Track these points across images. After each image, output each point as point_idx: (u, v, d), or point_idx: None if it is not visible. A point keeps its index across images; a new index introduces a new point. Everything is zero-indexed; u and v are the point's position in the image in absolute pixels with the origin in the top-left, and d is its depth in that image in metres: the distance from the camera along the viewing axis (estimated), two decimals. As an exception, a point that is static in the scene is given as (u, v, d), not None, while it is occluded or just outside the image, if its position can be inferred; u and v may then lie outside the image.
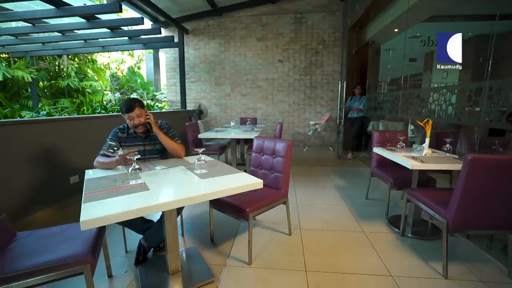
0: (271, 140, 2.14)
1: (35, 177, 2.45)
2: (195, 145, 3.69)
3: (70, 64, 9.78)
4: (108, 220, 1.06)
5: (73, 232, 1.42)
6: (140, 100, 1.90)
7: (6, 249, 1.27)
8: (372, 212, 2.63)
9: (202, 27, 6.57)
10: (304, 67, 6.33)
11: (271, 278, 1.65)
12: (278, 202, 1.99)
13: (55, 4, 3.98)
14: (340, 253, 1.93)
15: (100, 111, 4.98)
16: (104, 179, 1.52)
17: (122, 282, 1.62)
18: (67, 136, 2.79)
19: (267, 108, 6.62)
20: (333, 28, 6.12)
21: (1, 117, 2.92)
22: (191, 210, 2.66)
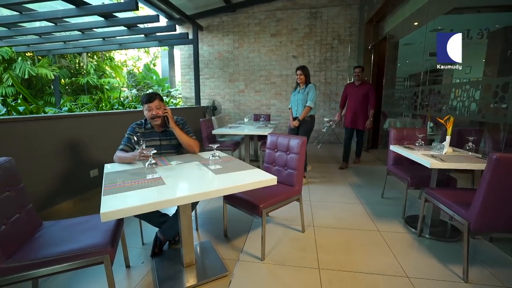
0: (285, 137, 2.13)
1: (58, 170, 2.57)
2: (209, 141, 3.73)
3: (89, 62, 10.11)
4: (127, 212, 1.10)
5: (93, 223, 1.48)
6: (160, 94, 1.95)
7: (34, 237, 1.34)
8: (388, 211, 2.57)
9: (216, 23, 6.59)
10: (319, 63, 6.23)
11: (284, 274, 1.65)
12: (291, 199, 1.99)
13: (75, 3, 4.12)
14: (354, 251, 1.90)
15: (118, 107, 5.13)
16: (122, 173, 1.57)
17: (139, 273, 1.68)
18: (87, 131, 2.89)
19: (281, 104, 6.58)
20: (349, 22, 5.96)
21: (27, 112, 3.07)
22: (205, 205, 2.70)
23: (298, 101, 3.50)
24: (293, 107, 3.58)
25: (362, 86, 4.06)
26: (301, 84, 3.49)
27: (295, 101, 3.55)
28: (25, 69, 8.16)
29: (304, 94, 3.41)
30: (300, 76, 3.41)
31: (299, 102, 3.49)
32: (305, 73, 3.42)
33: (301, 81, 3.44)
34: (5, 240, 1.16)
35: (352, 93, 4.14)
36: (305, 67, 3.44)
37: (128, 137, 1.91)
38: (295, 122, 3.45)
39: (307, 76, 3.44)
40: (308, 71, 3.46)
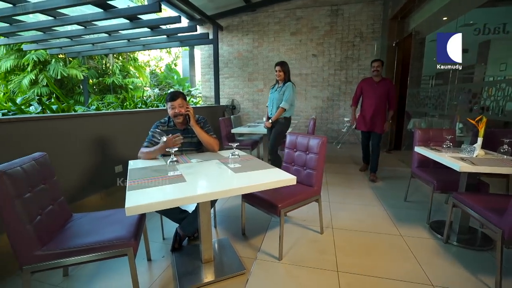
0: (305, 136, 2.11)
1: (86, 165, 2.71)
2: (228, 139, 3.77)
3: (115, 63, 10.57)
4: (150, 208, 1.14)
5: (118, 216, 1.54)
6: (184, 93, 2.00)
7: (65, 227, 1.43)
8: (411, 215, 2.46)
9: (236, 23, 6.64)
10: (340, 61, 6.09)
11: (301, 275, 1.64)
12: (310, 199, 1.96)
13: (103, 7, 4.32)
14: (375, 255, 1.85)
15: (141, 106, 5.33)
16: (145, 169, 1.63)
17: (160, 266, 1.73)
18: (112, 129, 3.03)
19: (300, 104, 6.50)
20: (372, 19, 5.77)
21: (60, 111, 3.26)
22: (223, 203, 2.73)
23: (273, 100, 3.18)
24: (269, 106, 3.30)
25: (382, 83, 3.49)
26: (279, 82, 3.16)
27: (271, 100, 3.24)
28: (58, 70, 8.69)
29: (280, 94, 3.09)
30: (279, 72, 3.07)
31: (274, 102, 3.17)
32: (284, 69, 3.07)
33: (280, 78, 3.09)
34: (40, 230, 1.24)
35: (370, 90, 3.57)
36: (284, 63, 3.11)
37: (152, 134, 1.98)
38: (268, 123, 3.17)
39: (287, 73, 3.10)
40: (288, 68, 3.12)
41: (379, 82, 3.50)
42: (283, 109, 3.02)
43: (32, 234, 1.18)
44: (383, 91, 3.46)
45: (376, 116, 3.52)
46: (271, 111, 3.23)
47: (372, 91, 3.53)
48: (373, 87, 3.53)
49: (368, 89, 3.58)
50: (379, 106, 3.50)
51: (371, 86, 3.55)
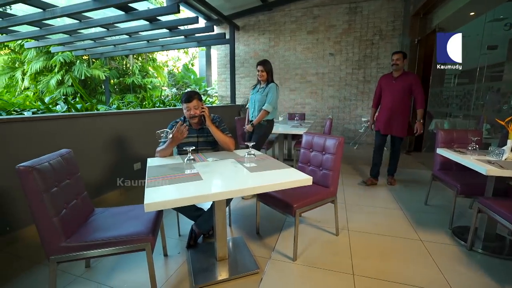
0: (321, 137, 2.08)
1: (107, 162, 2.82)
2: (243, 139, 3.78)
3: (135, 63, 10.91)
4: (168, 204, 1.17)
5: (137, 212, 1.59)
6: (199, 93, 2.03)
7: (87, 221, 1.49)
8: (432, 219, 2.37)
9: (252, 22, 6.65)
10: (358, 60, 5.94)
11: (316, 277, 1.62)
12: (326, 200, 1.93)
13: (124, 10, 4.47)
14: (392, 260, 1.79)
15: (159, 105, 5.46)
16: (163, 167, 1.67)
17: (176, 262, 1.77)
18: (131, 127, 3.13)
19: (316, 103, 6.42)
20: (392, 16, 5.59)
21: (83, 110, 3.41)
22: (238, 202, 2.75)
23: (255, 102, 2.96)
24: (250, 108, 3.06)
25: (402, 78, 3.03)
26: (261, 82, 2.93)
27: (252, 101, 3.01)
28: (82, 71, 9.10)
29: (262, 95, 2.88)
30: (261, 72, 2.84)
31: (256, 103, 2.95)
32: (267, 69, 2.84)
33: (262, 78, 2.86)
34: (65, 223, 1.30)
35: (387, 87, 3.14)
36: (267, 62, 2.87)
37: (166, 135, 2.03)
38: (249, 127, 2.95)
39: (270, 73, 2.88)
40: (271, 67, 2.89)
41: (398, 78, 3.07)
42: (266, 111, 2.82)
43: (58, 226, 1.25)
44: (402, 87, 3.02)
45: (394, 117, 3.10)
46: (252, 114, 3.01)
47: (390, 88, 3.12)
48: (391, 83, 3.11)
49: (386, 86, 3.17)
50: (397, 105, 3.06)
51: (389, 82, 3.13)
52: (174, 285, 1.56)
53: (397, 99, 3.06)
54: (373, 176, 3.29)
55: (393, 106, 3.08)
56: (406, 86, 3.00)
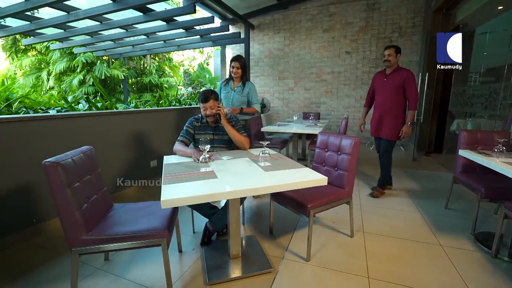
0: (337, 136, 2.04)
1: (125, 159, 2.91)
2: (257, 138, 3.79)
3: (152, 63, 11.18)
4: (183, 202, 1.19)
5: (153, 208, 1.63)
6: (216, 93, 2.06)
7: (106, 216, 1.55)
8: (453, 224, 2.27)
9: (267, 21, 6.63)
10: (375, 58, 5.79)
11: (330, 278, 1.60)
12: (341, 201, 1.90)
13: (143, 11, 4.58)
14: (410, 264, 1.73)
15: (175, 104, 5.57)
16: (179, 165, 1.71)
17: (190, 258, 1.80)
18: (148, 125, 3.21)
19: (331, 102, 6.32)
20: (413, 12, 5.40)
21: (103, 108, 3.54)
22: (252, 200, 2.76)
23: (233, 101, 2.79)
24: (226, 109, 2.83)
25: (394, 75, 2.74)
26: (235, 80, 2.74)
27: (229, 100, 2.81)
28: (102, 70, 9.43)
29: (242, 96, 2.76)
30: (236, 69, 2.66)
31: (234, 103, 2.79)
32: (243, 66, 2.67)
33: (237, 75, 2.68)
34: (87, 216, 1.36)
35: (379, 85, 2.90)
36: (242, 58, 2.68)
37: (187, 129, 2.10)
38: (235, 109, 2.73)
39: (244, 70, 2.71)
40: (245, 64, 2.73)
41: (389, 75, 2.78)
42: (257, 110, 2.81)
43: (80, 220, 1.30)
44: (394, 85, 2.73)
45: (385, 118, 2.83)
46: None
47: (382, 86, 2.86)
48: (383, 81, 2.84)
49: (378, 84, 2.92)
50: (388, 105, 2.80)
51: (381, 80, 2.87)
52: (188, 280, 1.59)
53: (388, 98, 2.81)
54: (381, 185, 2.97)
55: (384, 106, 2.84)
56: (398, 84, 2.71)
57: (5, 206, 1.90)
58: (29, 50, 10.33)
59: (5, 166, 1.89)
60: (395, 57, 2.72)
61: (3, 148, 1.88)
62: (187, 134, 2.08)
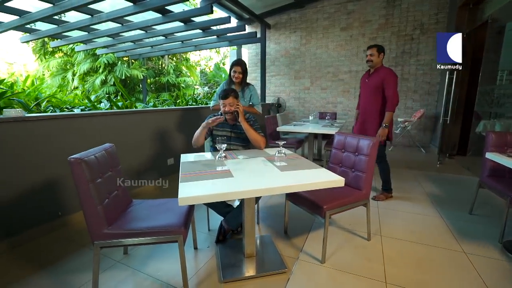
0: (354, 137, 2.00)
1: (144, 156, 3.00)
2: (273, 137, 3.78)
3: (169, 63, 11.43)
4: (200, 200, 1.21)
5: (170, 205, 1.67)
6: (236, 91, 2.08)
7: (126, 211, 1.60)
8: (478, 231, 2.16)
9: (284, 20, 6.59)
10: (395, 56, 5.61)
11: (346, 281, 1.57)
12: (358, 203, 1.86)
13: (161, 12, 4.70)
14: (431, 271, 1.67)
15: (192, 103, 5.66)
16: (196, 163, 1.73)
17: (205, 255, 1.83)
18: (166, 124, 3.29)
19: (348, 102, 6.19)
20: (436, 8, 5.17)
21: (124, 107, 3.66)
22: (267, 200, 2.76)
23: None
24: None
25: (375, 75, 2.68)
26: (236, 85, 2.67)
27: None
28: (122, 71, 9.76)
29: (244, 100, 2.72)
30: (238, 74, 2.60)
31: None
32: (244, 71, 2.64)
33: (238, 80, 2.63)
34: (108, 211, 1.41)
35: (362, 85, 2.86)
36: (244, 62, 2.66)
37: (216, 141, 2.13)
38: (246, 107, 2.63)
39: (245, 74, 2.68)
40: (246, 69, 2.70)
41: (371, 75, 2.73)
42: (259, 112, 2.78)
43: (101, 214, 1.35)
44: (374, 85, 2.66)
45: (367, 119, 2.76)
46: None
47: (364, 87, 2.81)
48: (365, 82, 2.80)
49: (362, 85, 2.87)
50: (369, 106, 2.73)
51: (364, 80, 2.82)
52: (203, 277, 1.61)
53: (368, 99, 2.73)
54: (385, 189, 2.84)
55: (366, 107, 2.77)
56: (378, 83, 2.63)
57: (34, 199, 2.01)
58: (56, 52, 10.88)
59: (35, 161, 2.01)
60: (377, 57, 2.63)
61: (33, 144, 1.99)
62: None
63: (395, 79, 2.59)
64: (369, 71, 2.79)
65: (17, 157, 1.91)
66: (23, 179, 1.95)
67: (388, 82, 2.56)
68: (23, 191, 1.95)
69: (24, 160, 1.94)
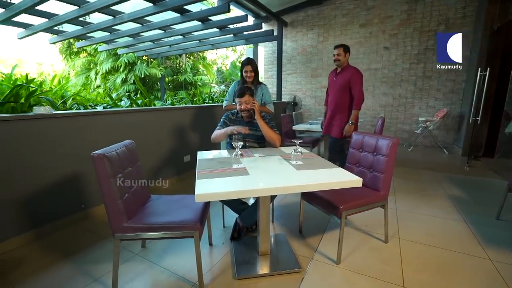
0: (373, 136, 1.95)
1: (161, 153, 3.08)
2: (288, 136, 3.76)
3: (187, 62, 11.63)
4: (216, 196, 1.23)
5: (187, 201, 1.71)
6: (252, 89, 2.09)
7: (144, 206, 1.65)
8: (506, 237, 2.04)
9: (301, 18, 6.51)
10: (417, 53, 5.39)
11: (361, 284, 1.53)
12: (375, 204, 1.81)
13: (180, 12, 4.78)
14: (451, 277, 1.60)
15: (208, 101, 5.74)
16: (212, 161, 1.76)
17: (220, 252, 1.85)
18: (183, 122, 3.35)
19: (367, 101, 6.01)
20: (463, 2, 4.91)
21: (143, 105, 3.77)
22: (282, 199, 2.75)
23: None
24: None
25: (342, 74, 2.82)
26: (248, 84, 2.63)
27: None
28: (142, 70, 10.04)
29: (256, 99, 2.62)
30: (250, 73, 2.58)
31: None
32: (255, 70, 2.62)
33: (250, 79, 2.61)
34: (127, 206, 1.46)
35: (330, 84, 2.99)
36: (254, 62, 2.64)
37: (224, 121, 2.20)
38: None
39: (257, 73, 2.66)
40: (257, 68, 2.67)
41: (338, 74, 2.87)
42: (272, 112, 2.74)
43: (122, 208, 1.41)
44: (341, 83, 2.81)
45: (334, 117, 2.91)
46: None
47: (332, 85, 2.96)
48: (333, 80, 2.94)
49: (329, 83, 3.02)
50: (337, 104, 2.87)
51: (331, 79, 2.98)
52: (217, 273, 1.63)
53: (335, 97, 2.88)
54: None
55: (333, 105, 2.91)
56: (344, 82, 2.78)
57: (59, 192, 2.12)
58: (80, 52, 11.38)
59: (60, 156, 2.11)
60: (344, 56, 2.77)
61: (59, 140, 2.10)
62: (224, 124, 2.18)
63: (361, 78, 2.76)
64: (336, 70, 2.93)
65: (44, 152, 2.02)
66: (49, 173, 2.06)
67: (355, 82, 2.72)
68: (49, 184, 2.06)
69: (50, 154, 2.05)
